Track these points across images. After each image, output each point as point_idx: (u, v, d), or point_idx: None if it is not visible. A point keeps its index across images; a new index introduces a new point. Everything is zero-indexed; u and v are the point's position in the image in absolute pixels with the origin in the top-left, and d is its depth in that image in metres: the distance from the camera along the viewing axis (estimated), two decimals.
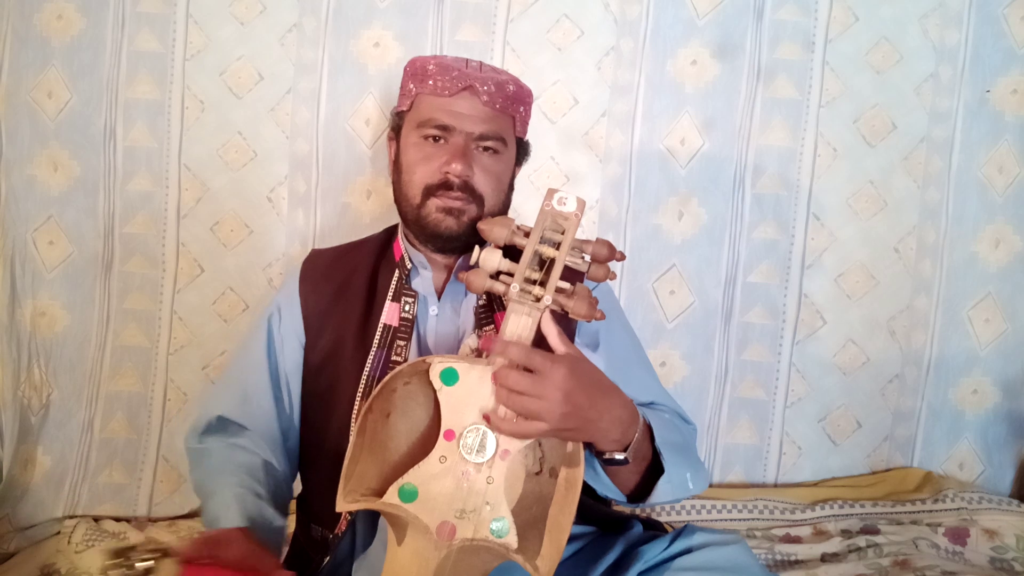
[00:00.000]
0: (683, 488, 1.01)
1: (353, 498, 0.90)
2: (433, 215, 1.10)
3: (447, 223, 1.10)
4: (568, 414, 0.85)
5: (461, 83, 1.10)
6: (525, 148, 1.22)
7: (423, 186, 1.11)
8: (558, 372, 0.85)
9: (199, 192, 1.72)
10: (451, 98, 1.10)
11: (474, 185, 1.10)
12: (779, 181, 1.81)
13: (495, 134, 1.12)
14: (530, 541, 0.89)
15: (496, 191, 1.13)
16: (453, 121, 1.10)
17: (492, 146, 1.12)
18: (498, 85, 1.12)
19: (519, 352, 0.86)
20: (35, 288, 1.69)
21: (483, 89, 1.10)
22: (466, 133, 1.10)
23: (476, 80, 1.10)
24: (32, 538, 1.60)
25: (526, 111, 1.19)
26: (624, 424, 0.92)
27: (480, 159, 1.11)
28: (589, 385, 0.88)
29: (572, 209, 0.92)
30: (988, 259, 1.84)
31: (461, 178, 1.09)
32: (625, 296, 1.80)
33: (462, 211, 1.10)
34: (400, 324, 1.14)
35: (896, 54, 1.79)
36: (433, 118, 1.11)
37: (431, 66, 1.12)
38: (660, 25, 1.76)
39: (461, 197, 1.09)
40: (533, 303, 0.89)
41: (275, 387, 1.18)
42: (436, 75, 1.11)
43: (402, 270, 1.17)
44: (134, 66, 1.69)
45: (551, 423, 0.85)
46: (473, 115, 1.10)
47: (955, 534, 1.64)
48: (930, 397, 1.86)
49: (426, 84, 1.12)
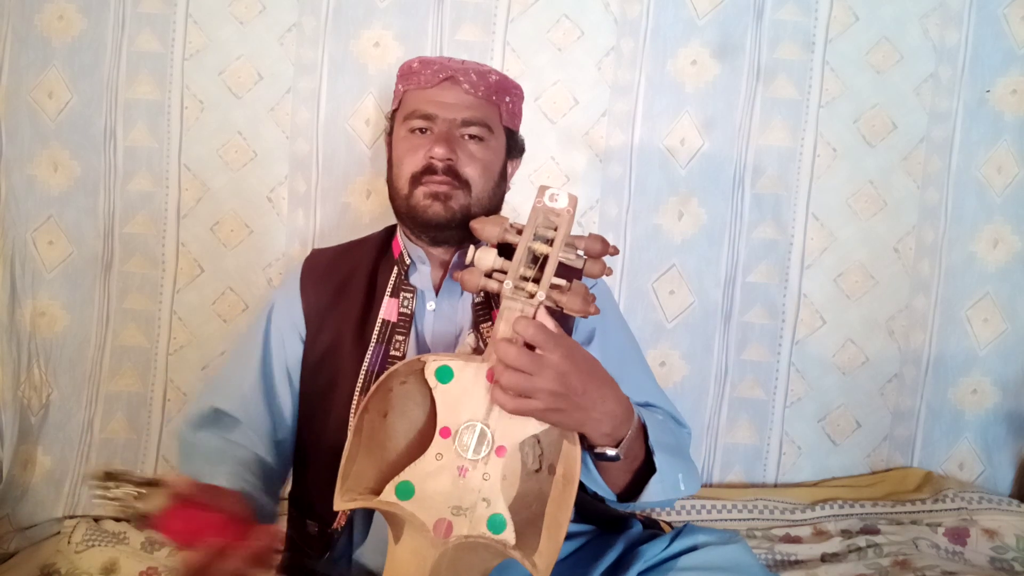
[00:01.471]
0: (675, 489, 1.01)
1: (351, 497, 0.90)
2: (421, 202, 1.12)
3: (434, 208, 1.11)
4: (559, 394, 0.85)
5: (443, 74, 1.13)
6: (517, 141, 1.23)
7: (410, 174, 1.13)
8: (556, 351, 0.85)
9: (199, 192, 1.72)
10: (433, 89, 1.13)
11: (459, 169, 1.11)
12: (779, 181, 1.81)
13: (478, 120, 1.13)
14: (528, 538, 0.89)
15: (483, 178, 1.14)
16: (436, 110, 1.12)
17: (477, 132, 1.14)
18: (480, 74, 1.14)
19: (525, 328, 0.86)
20: (35, 288, 1.69)
21: (464, 78, 1.13)
22: (449, 120, 1.12)
23: (457, 70, 1.13)
24: (32, 538, 1.60)
25: (513, 103, 1.20)
26: (616, 419, 0.92)
27: (465, 145, 1.13)
28: (584, 372, 0.88)
29: (564, 205, 0.92)
30: (987, 259, 1.84)
31: (444, 162, 1.10)
32: (625, 296, 1.80)
33: (448, 195, 1.11)
34: (399, 319, 1.15)
35: (896, 54, 1.79)
36: (417, 109, 1.13)
37: (416, 64, 1.17)
38: (660, 25, 1.76)
39: (446, 181, 1.11)
40: (527, 300, 0.89)
41: (267, 382, 1.19)
42: (420, 70, 1.15)
43: (400, 266, 1.18)
44: (134, 66, 1.69)
45: (542, 401, 0.85)
46: (455, 102, 1.13)
47: (955, 534, 1.64)
48: (929, 397, 1.86)
49: (411, 80, 1.16)
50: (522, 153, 1.26)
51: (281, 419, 1.19)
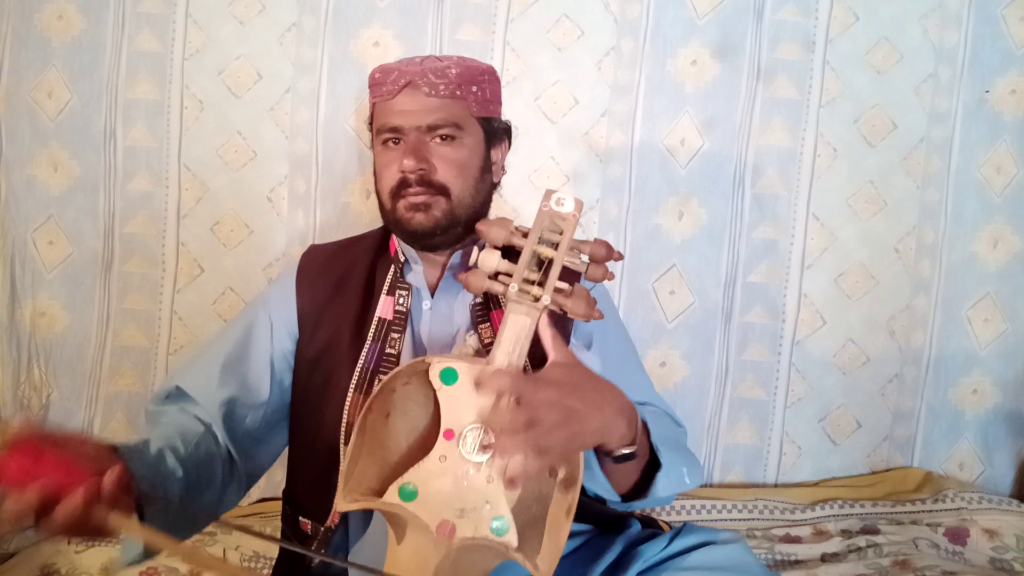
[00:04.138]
0: (680, 483, 1.01)
1: (353, 498, 0.90)
2: (404, 215, 1.12)
3: (417, 219, 1.11)
4: (564, 423, 0.84)
5: (401, 81, 1.11)
6: (497, 127, 1.19)
7: (388, 189, 1.12)
8: (537, 392, 0.84)
9: (199, 192, 1.72)
10: (395, 99, 1.12)
11: (433, 178, 1.11)
12: (779, 181, 1.81)
13: (445, 121, 1.12)
14: (530, 540, 0.89)
15: (460, 178, 1.13)
16: (400, 120, 1.11)
17: (447, 133, 1.12)
18: (437, 72, 1.11)
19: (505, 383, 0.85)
20: (35, 288, 1.69)
21: (422, 81, 1.11)
22: (415, 128, 1.11)
23: (415, 75, 1.11)
24: (32, 538, 1.60)
25: (482, 90, 1.16)
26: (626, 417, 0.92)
27: (436, 150, 1.12)
28: (571, 388, 0.87)
29: (570, 210, 0.92)
30: (987, 259, 1.84)
31: (415, 173, 1.10)
32: (625, 296, 1.80)
33: (428, 205, 1.10)
34: (394, 317, 1.15)
35: (896, 54, 1.79)
36: (384, 123, 1.13)
37: (378, 74, 1.14)
38: (660, 25, 1.76)
39: (422, 191, 1.10)
40: (532, 303, 0.89)
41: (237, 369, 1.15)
42: (381, 81, 1.13)
43: (397, 264, 1.18)
44: (134, 66, 1.69)
45: (556, 441, 0.84)
46: (418, 109, 1.11)
47: (955, 534, 1.64)
48: (930, 397, 1.86)
49: (376, 91, 1.14)
50: (508, 135, 1.22)
51: (247, 408, 1.15)
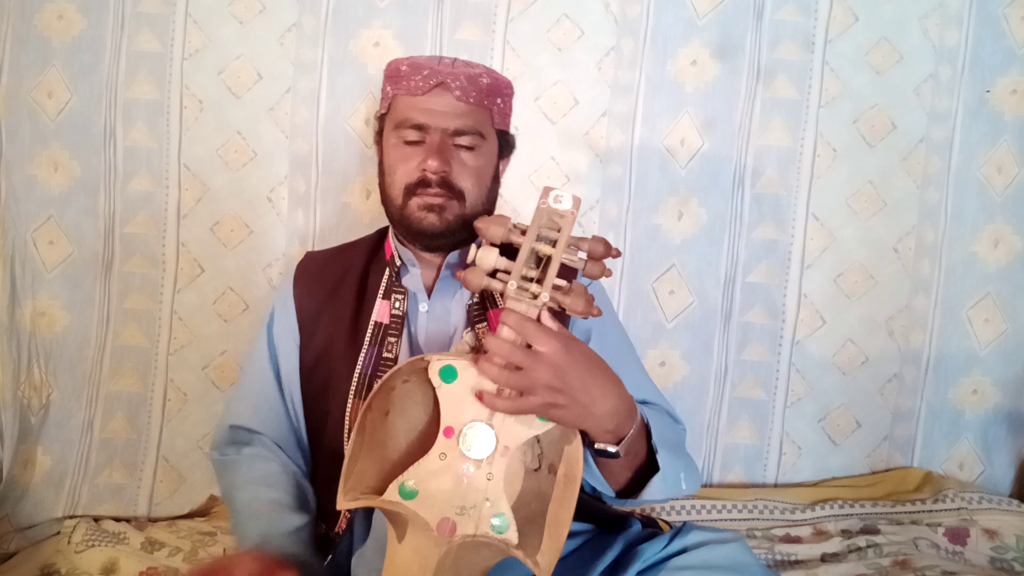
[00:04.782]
0: (676, 488, 1.01)
1: (353, 496, 0.90)
2: (415, 213, 1.11)
3: (429, 220, 1.11)
4: (556, 389, 0.85)
5: (433, 80, 1.10)
6: (508, 141, 1.22)
7: (403, 186, 1.12)
8: (548, 344, 0.85)
9: (199, 192, 1.72)
10: (424, 96, 1.11)
11: (453, 181, 1.11)
12: (778, 181, 1.81)
13: (471, 128, 1.12)
14: (530, 537, 0.89)
15: (477, 186, 1.13)
16: (427, 119, 1.11)
17: (469, 141, 1.12)
18: (470, 79, 1.12)
19: (515, 321, 0.86)
20: (35, 288, 1.69)
21: (455, 84, 1.10)
22: (441, 130, 1.11)
23: (448, 76, 1.11)
24: (32, 538, 1.60)
25: (504, 103, 1.18)
26: (620, 417, 0.92)
27: (458, 155, 1.12)
28: (583, 367, 0.88)
29: (568, 207, 0.92)
30: (987, 259, 1.84)
31: (438, 174, 1.10)
32: (625, 296, 1.80)
33: (443, 207, 1.11)
34: (391, 321, 1.15)
35: (896, 54, 1.79)
36: (408, 118, 1.12)
37: (404, 67, 1.13)
38: (660, 25, 1.76)
39: (441, 193, 1.10)
40: (530, 300, 0.89)
41: (281, 390, 1.21)
42: (409, 75, 1.12)
43: (392, 268, 1.18)
44: (134, 66, 1.69)
45: (539, 396, 0.85)
46: (447, 111, 1.11)
47: (955, 534, 1.64)
48: (929, 397, 1.86)
49: (400, 85, 1.13)
50: (513, 150, 1.24)
51: (296, 423, 1.21)
